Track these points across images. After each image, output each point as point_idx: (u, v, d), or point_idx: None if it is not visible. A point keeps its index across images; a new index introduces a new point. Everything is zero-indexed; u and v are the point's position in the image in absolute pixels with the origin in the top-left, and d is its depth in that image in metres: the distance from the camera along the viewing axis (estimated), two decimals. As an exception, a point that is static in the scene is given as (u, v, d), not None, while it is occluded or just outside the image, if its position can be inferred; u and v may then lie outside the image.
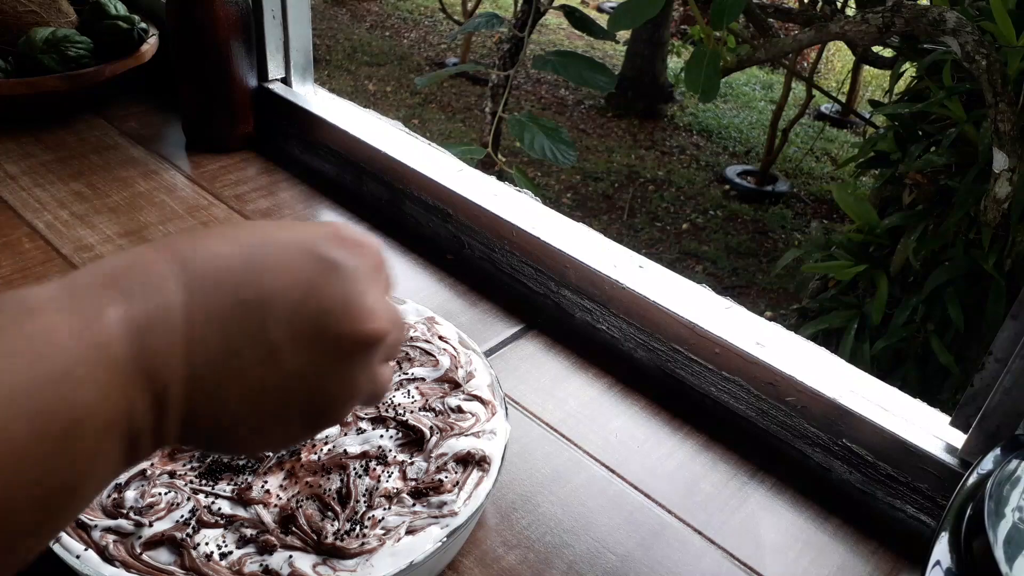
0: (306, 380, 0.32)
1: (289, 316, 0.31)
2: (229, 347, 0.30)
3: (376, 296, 0.33)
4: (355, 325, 0.32)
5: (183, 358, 0.29)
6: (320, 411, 0.34)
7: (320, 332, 0.31)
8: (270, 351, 0.30)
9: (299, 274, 0.31)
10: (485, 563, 0.55)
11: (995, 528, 0.37)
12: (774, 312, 2.97)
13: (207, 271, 0.30)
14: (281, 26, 1.02)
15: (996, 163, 1.48)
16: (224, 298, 0.30)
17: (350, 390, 0.34)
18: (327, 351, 0.32)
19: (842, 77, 4.90)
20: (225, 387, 0.30)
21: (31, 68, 0.99)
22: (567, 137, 1.48)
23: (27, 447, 0.25)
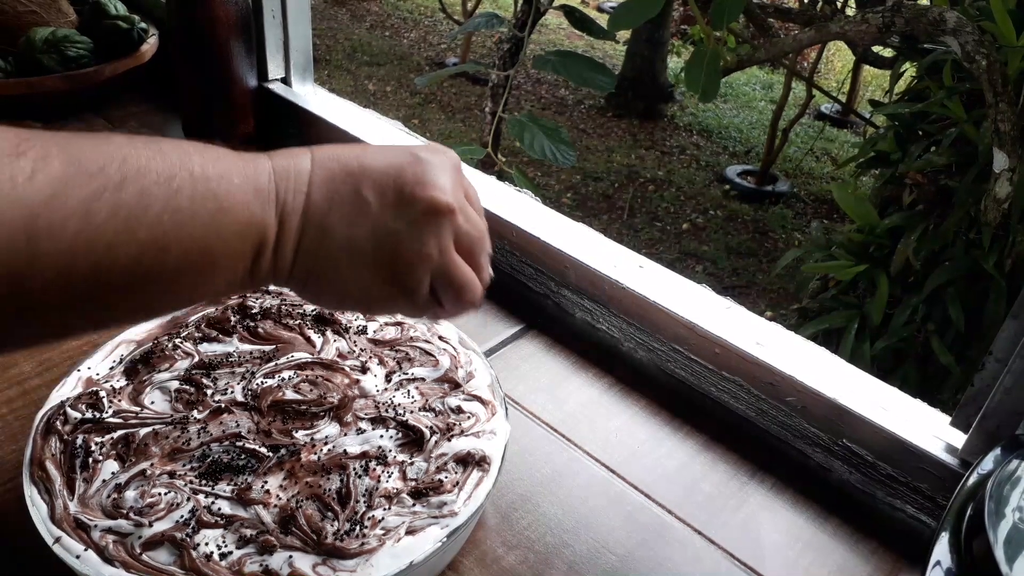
0: (388, 233, 0.41)
1: (378, 182, 0.41)
2: (334, 198, 0.41)
3: (448, 181, 0.43)
4: (425, 191, 0.42)
5: (304, 197, 0.41)
6: (398, 263, 0.42)
7: (399, 195, 0.41)
8: (363, 205, 0.41)
9: (392, 159, 0.43)
10: (485, 563, 0.55)
11: (995, 528, 0.37)
12: (774, 312, 2.97)
13: (329, 153, 0.42)
14: (281, 26, 1.01)
15: (996, 163, 1.48)
16: (336, 168, 0.42)
17: (423, 251, 0.42)
18: (404, 211, 0.42)
19: (842, 77, 4.90)
20: (329, 227, 0.41)
21: (31, 68, 0.99)
22: (567, 137, 1.48)
23: (192, 213, 0.36)
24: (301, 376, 0.58)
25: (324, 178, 0.41)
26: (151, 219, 0.35)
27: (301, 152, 0.42)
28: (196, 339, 0.61)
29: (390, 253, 0.42)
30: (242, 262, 0.39)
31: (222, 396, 0.56)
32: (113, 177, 0.34)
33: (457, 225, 0.43)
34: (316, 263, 0.41)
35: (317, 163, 0.41)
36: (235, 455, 0.52)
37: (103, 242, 0.34)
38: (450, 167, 0.44)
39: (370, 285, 0.43)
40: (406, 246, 0.42)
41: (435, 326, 0.65)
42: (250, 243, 0.39)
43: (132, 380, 0.58)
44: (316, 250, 0.41)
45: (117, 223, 0.34)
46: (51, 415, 0.54)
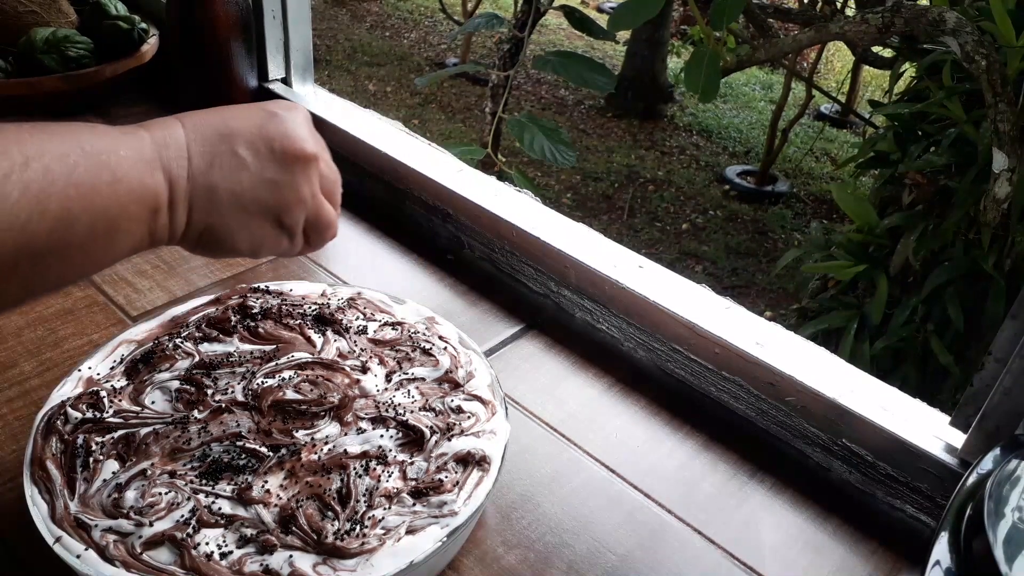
0: (268, 183, 0.47)
1: (249, 139, 0.47)
2: (213, 159, 0.46)
3: (307, 132, 0.49)
4: (293, 143, 0.48)
5: (185, 161, 0.45)
6: (281, 209, 0.49)
7: (271, 150, 0.47)
8: (240, 162, 0.47)
9: (255, 118, 0.48)
10: (485, 563, 0.55)
11: (995, 528, 0.37)
12: (774, 312, 2.97)
13: (198, 119, 0.47)
14: (281, 26, 1.02)
15: (996, 163, 1.48)
16: (208, 131, 0.47)
17: (298, 196, 0.49)
18: (278, 163, 0.48)
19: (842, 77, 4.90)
20: (214, 187, 0.46)
21: (31, 68, 0.99)
22: (567, 138, 1.49)
23: (92, 185, 0.40)
24: (301, 376, 0.58)
25: (200, 142, 0.46)
26: (58, 193, 0.38)
27: (171, 121, 0.46)
28: (197, 339, 0.61)
29: (273, 201, 0.48)
30: (141, 226, 0.43)
31: (222, 396, 0.56)
32: (16, 158, 0.37)
33: (321, 170, 0.50)
34: (208, 219, 0.46)
35: (189, 129, 0.46)
36: (235, 455, 0.52)
37: (20, 220, 0.37)
38: (304, 120, 0.50)
39: (257, 232, 0.48)
40: (286, 193, 0.48)
41: (435, 326, 0.65)
42: (146, 208, 0.43)
43: (133, 380, 0.58)
44: (207, 208, 0.46)
45: (29, 200, 0.37)
46: (52, 415, 0.54)
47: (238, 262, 0.83)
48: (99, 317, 0.74)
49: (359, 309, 0.66)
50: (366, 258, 0.87)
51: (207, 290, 0.78)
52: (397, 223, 0.91)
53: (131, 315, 0.74)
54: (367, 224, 0.91)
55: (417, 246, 0.88)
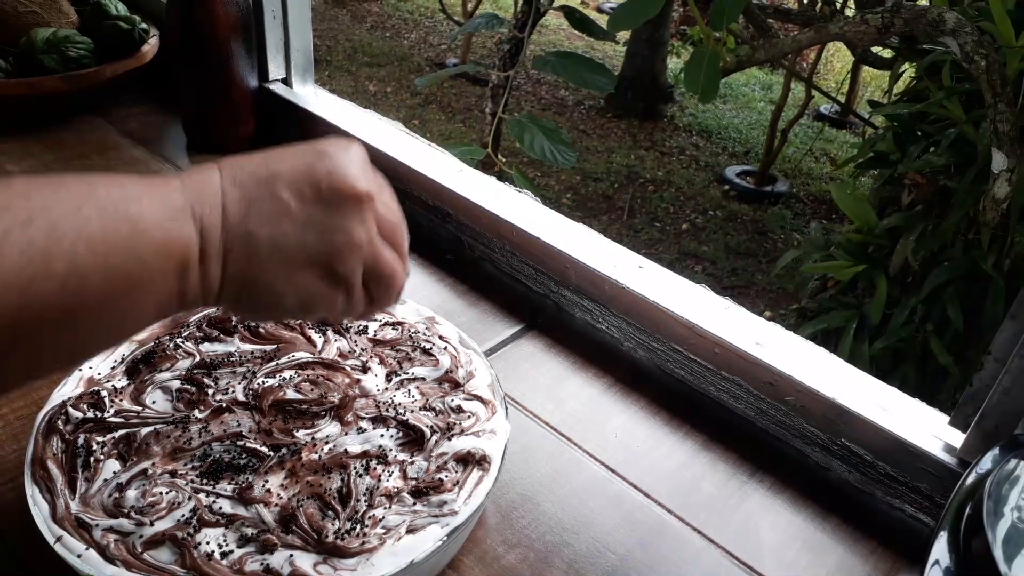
0: (315, 228, 0.41)
1: (293, 182, 0.41)
2: (251, 204, 0.41)
3: (359, 169, 0.43)
4: (342, 181, 0.42)
5: (219, 209, 0.40)
6: (331, 256, 0.42)
7: (317, 191, 0.42)
8: (282, 207, 0.41)
9: (301, 159, 0.43)
10: (485, 562, 0.55)
11: (994, 527, 0.38)
12: (773, 312, 2.97)
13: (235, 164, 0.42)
14: (281, 26, 1.02)
15: (995, 163, 1.48)
16: (246, 176, 0.41)
17: (351, 238, 0.42)
18: (325, 205, 0.42)
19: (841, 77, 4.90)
20: (252, 235, 0.40)
21: (32, 68, 0.99)
22: (567, 138, 1.49)
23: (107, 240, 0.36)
24: (302, 376, 0.58)
25: (236, 187, 0.41)
26: (65, 251, 0.34)
27: (206, 167, 0.42)
28: (197, 339, 0.61)
29: (321, 248, 0.42)
30: (168, 283, 0.38)
31: (223, 395, 0.56)
32: (20, 215, 0.33)
33: (377, 212, 0.44)
34: (247, 273, 0.41)
35: (226, 175, 0.41)
36: (236, 454, 0.52)
37: (19, 283, 0.33)
38: (358, 158, 0.44)
39: (305, 286, 0.42)
40: (335, 237, 0.42)
41: (435, 326, 0.65)
42: (173, 262, 0.38)
43: (133, 379, 0.58)
44: (245, 259, 0.40)
45: (32, 260, 0.33)
46: (53, 415, 0.54)
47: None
48: (100, 317, 0.74)
49: (359, 309, 0.66)
50: (366, 258, 0.86)
51: (207, 290, 0.78)
52: (397, 223, 0.91)
53: (131, 315, 0.74)
54: (367, 224, 0.91)
55: (417, 246, 0.87)
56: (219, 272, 0.40)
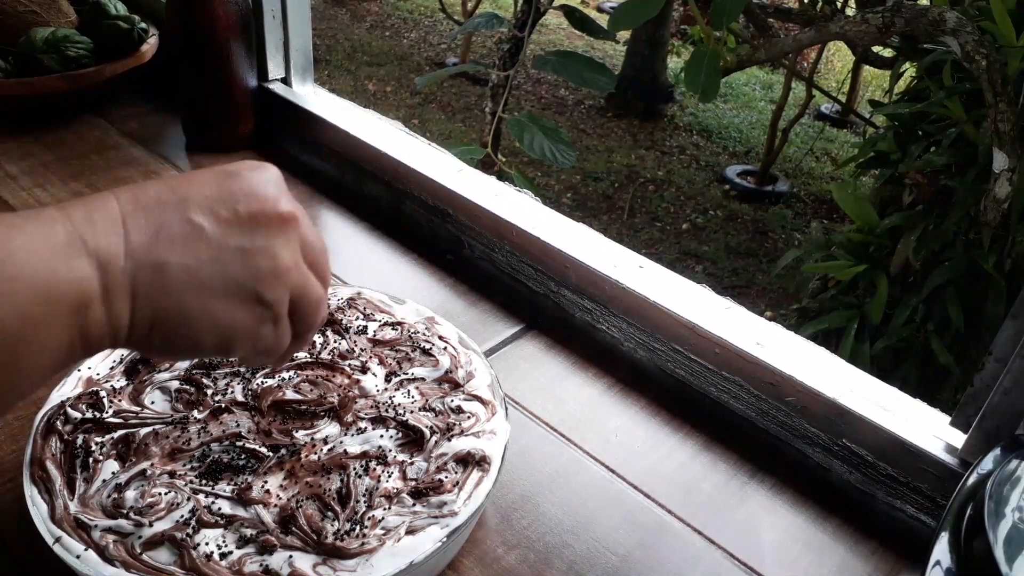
0: (235, 252, 0.37)
1: (206, 203, 0.37)
2: (159, 229, 0.36)
3: (278, 190, 0.39)
4: (263, 203, 0.38)
5: (120, 237, 0.35)
6: (256, 281, 0.38)
7: (235, 213, 0.37)
8: (196, 230, 0.36)
9: (212, 180, 0.38)
10: (485, 563, 0.55)
11: (995, 528, 0.37)
12: (774, 312, 2.97)
13: (137, 190, 0.37)
14: (281, 26, 1.02)
15: (996, 163, 1.48)
16: (150, 200, 0.37)
17: (276, 262, 0.38)
18: (246, 226, 0.37)
19: (842, 77, 4.90)
20: (163, 262, 0.36)
21: (31, 68, 0.99)
22: (567, 137, 1.49)
23: None
24: (301, 376, 0.58)
25: (139, 212, 0.36)
26: None
27: (101, 195, 0.36)
28: (196, 339, 0.61)
29: (244, 274, 0.37)
30: (61, 331, 0.33)
31: (222, 396, 0.56)
32: None
33: (303, 234, 0.40)
34: (159, 307, 0.36)
35: (124, 201, 0.36)
36: (235, 455, 0.52)
37: None
38: (275, 178, 0.40)
39: (226, 318, 0.37)
40: (260, 261, 0.37)
41: (435, 326, 0.65)
42: (64, 306, 0.33)
43: (132, 380, 0.58)
44: (156, 291, 0.35)
45: None
46: (51, 415, 0.54)
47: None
48: (99, 317, 0.74)
49: (359, 309, 0.66)
50: (366, 258, 0.87)
51: (207, 290, 0.78)
52: (397, 223, 0.91)
53: (131, 315, 0.74)
54: (367, 224, 0.91)
55: (417, 246, 0.88)
56: (127, 309, 0.35)
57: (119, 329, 0.35)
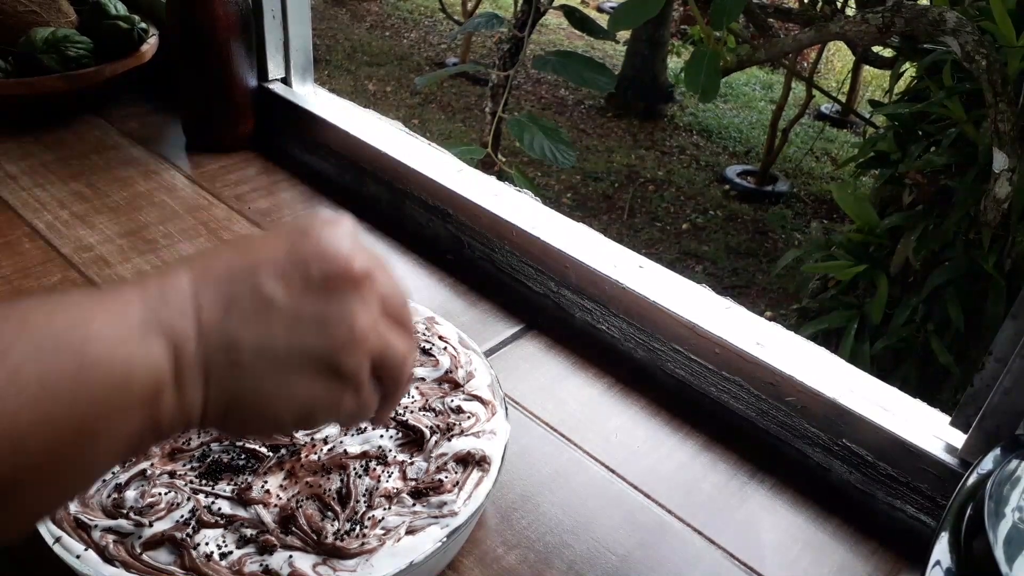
0: (309, 321, 0.35)
1: (277, 270, 0.35)
2: (231, 304, 0.34)
3: (350, 246, 0.37)
4: (334, 263, 0.36)
5: (192, 316, 0.33)
6: (334, 351, 0.36)
7: (307, 277, 0.35)
8: (267, 301, 0.34)
9: (279, 242, 0.36)
10: (485, 563, 0.55)
11: (995, 528, 0.37)
12: (774, 312, 2.97)
13: (210, 258, 0.36)
14: (281, 26, 1.02)
15: (996, 163, 1.48)
16: (222, 271, 0.35)
17: (354, 328, 0.36)
18: (319, 291, 0.35)
19: (842, 77, 4.90)
20: (236, 339, 0.34)
21: (31, 68, 0.99)
22: (567, 137, 1.49)
23: (45, 386, 0.29)
24: (301, 376, 0.58)
25: (211, 285, 0.34)
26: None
27: (175, 268, 0.35)
28: (196, 339, 0.61)
29: (321, 344, 0.35)
30: (134, 419, 0.32)
31: (222, 396, 0.56)
32: None
33: (380, 291, 0.37)
34: (234, 388, 0.34)
35: (197, 274, 0.35)
36: (235, 455, 0.52)
37: None
38: (347, 233, 0.37)
39: (306, 393, 0.36)
40: (337, 330, 0.35)
41: (435, 326, 0.65)
42: (138, 391, 0.32)
43: (132, 380, 0.58)
44: (229, 372, 0.34)
45: None
46: (51, 415, 0.54)
47: (238, 262, 0.83)
48: (99, 317, 0.74)
49: (359, 309, 0.66)
50: (366, 258, 0.86)
51: (207, 290, 0.78)
52: (397, 223, 0.91)
53: (131, 315, 0.74)
54: (367, 224, 0.91)
55: (417, 246, 0.88)
56: (200, 393, 0.34)
57: (191, 415, 0.34)
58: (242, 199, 0.94)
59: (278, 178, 0.99)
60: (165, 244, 0.85)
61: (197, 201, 0.93)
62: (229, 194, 0.94)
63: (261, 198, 0.94)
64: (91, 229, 0.86)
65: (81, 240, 0.84)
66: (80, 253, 0.82)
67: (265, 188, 0.97)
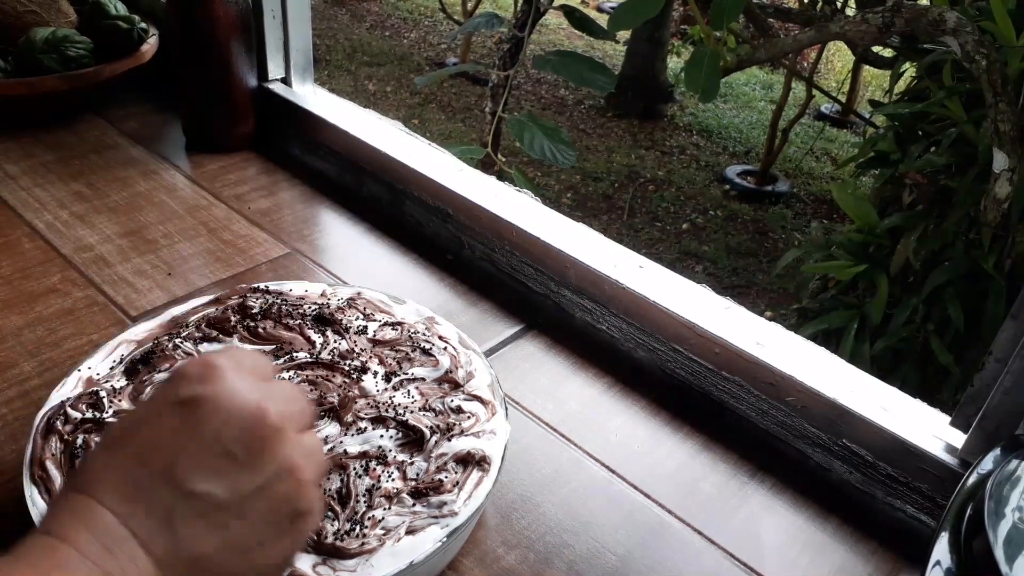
0: (256, 497, 0.33)
1: (195, 464, 0.32)
2: (169, 518, 0.31)
3: (248, 390, 0.34)
4: (250, 426, 0.33)
5: (141, 553, 0.31)
6: (288, 508, 0.34)
7: (229, 455, 0.33)
8: (206, 501, 0.32)
9: (170, 422, 0.33)
10: (485, 563, 0.55)
11: (995, 528, 0.37)
12: (774, 312, 2.97)
13: (104, 474, 0.32)
14: (281, 26, 1.02)
15: (996, 163, 1.48)
16: (132, 487, 0.32)
17: (295, 472, 0.34)
18: (247, 463, 0.33)
19: (842, 77, 4.90)
20: (196, 556, 0.31)
21: (31, 68, 0.99)
22: (567, 137, 1.48)
23: None
24: (301, 376, 0.58)
25: (138, 510, 0.31)
26: None
27: (77, 498, 0.31)
28: (196, 339, 0.61)
29: (274, 510, 0.34)
30: None
31: (222, 396, 0.56)
32: None
33: (288, 416, 0.35)
34: None
35: (110, 499, 0.31)
36: (235, 455, 0.52)
37: None
38: (231, 373, 0.34)
39: (279, 551, 0.35)
40: (283, 486, 0.34)
41: (435, 326, 0.65)
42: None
43: (132, 380, 0.58)
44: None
45: None
46: (51, 415, 0.54)
47: (237, 261, 0.83)
48: (99, 317, 0.74)
49: (359, 309, 0.66)
50: (366, 258, 0.87)
51: (207, 290, 0.78)
52: (397, 223, 0.91)
53: (131, 315, 0.74)
54: (367, 224, 0.91)
55: (417, 246, 0.88)
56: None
57: None
58: (242, 199, 0.94)
59: (278, 178, 0.99)
60: (165, 244, 0.85)
61: (197, 201, 0.93)
62: (229, 194, 0.94)
63: (261, 198, 0.94)
64: (91, 229, 0.86)
65: (81, 240, 0.84)
66: (80, 253, 0.82)
67: (265, 188, 0.97)
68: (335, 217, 0.93)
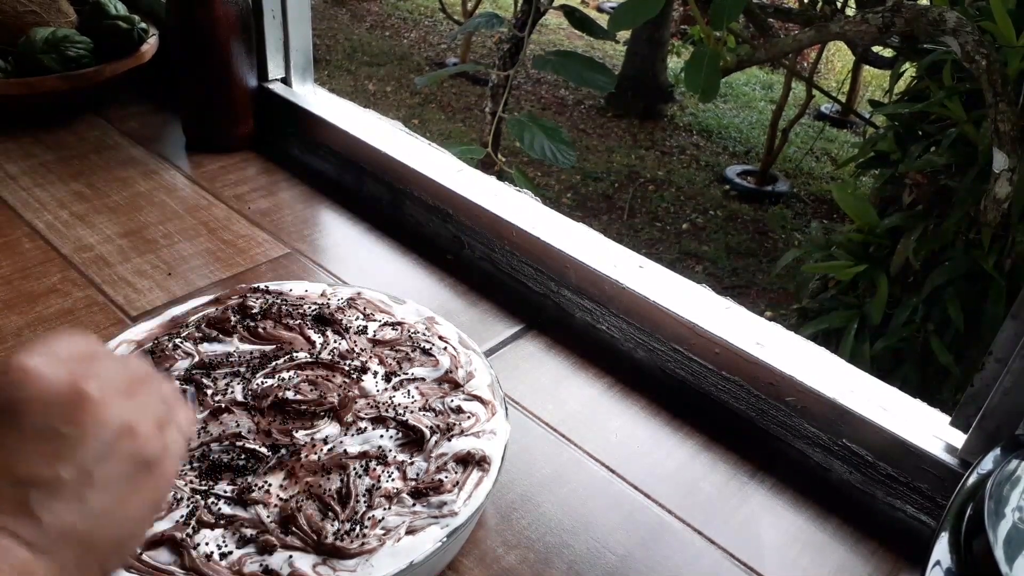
0: (99, 462, 0.34)
1: (32, 460, 0.33)
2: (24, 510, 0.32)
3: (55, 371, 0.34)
4: (67, 406, 0.34)
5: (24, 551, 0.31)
6: (138, 458, 0.35)
7: (58, 436, 0.33)
8: (52, 484, 0.33)
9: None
10: (485, 563, 0.55)
11: (995, 528, 0.37)
12: (774, 312, 2.97)
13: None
14: (281, 26, 1.01)
15: (996, 163, 1.48)
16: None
17: (133, 427, 0.35)
18: (77, 437, 0.34)
19: (842, 77, 4.90)
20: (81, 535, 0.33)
21: (31, 68, 0.99)
22: (567, 137, 1.48)
23: None
24: (301, 376, 0.58)
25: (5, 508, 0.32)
26: None
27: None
28: (196, 339, 0.61)
29: (123, 465, 0.35)
30: None
31: (222, 396, 0.56)
32: None
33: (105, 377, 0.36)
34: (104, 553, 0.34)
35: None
36: (235, 455, 0.52)
37: None
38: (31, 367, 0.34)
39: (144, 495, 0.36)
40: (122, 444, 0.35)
41: (435, 326, 0.65)
42: None
43: (132, 380, 0.58)
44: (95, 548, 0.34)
45: None
46: (51, 415, 0.54)
47: (237, 261, 0.83)
48: (99, 317, 0.74)
49: (359, 309, 0.66)
50: (366, 258, 0.87)
51: (207, 290, 0.78)
52: (397, 223, 0.91)
53: (131, 315, 0.74)
54: (367, 224, 0.91)
55: (417, 246, 0.88)
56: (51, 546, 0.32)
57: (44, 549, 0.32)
58: (242, 199, 0.94)
59: (278, 178, 0.99)
60: (165, 244, 0.85)
61: (197, 201, 0.93)
62: (229, 194, 0.94)
63: (261, 198, 0.94)
64: (91, 229, 0.86)
65: (81, 240, 0.84)
66: (80, 253, 0.82)
67: (265, 188, 0.97)
68: (335, 217, 0.93)
